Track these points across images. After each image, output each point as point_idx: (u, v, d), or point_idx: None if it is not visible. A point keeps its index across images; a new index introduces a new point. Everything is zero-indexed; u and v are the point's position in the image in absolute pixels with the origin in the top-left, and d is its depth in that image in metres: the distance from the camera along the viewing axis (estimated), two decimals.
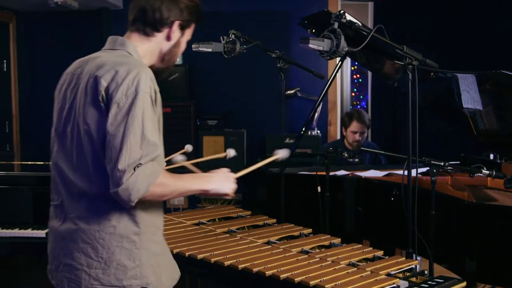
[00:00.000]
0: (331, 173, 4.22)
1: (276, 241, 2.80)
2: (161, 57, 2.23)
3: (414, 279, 2.35)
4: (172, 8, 2.17)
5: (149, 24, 2.17)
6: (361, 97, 8.11)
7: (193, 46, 3.20)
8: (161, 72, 2.27)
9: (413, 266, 2.44)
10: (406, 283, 2.26)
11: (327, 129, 6.31)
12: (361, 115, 5.11)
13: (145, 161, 1.93)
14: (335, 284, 2.20)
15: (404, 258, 2.53)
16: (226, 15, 6.29)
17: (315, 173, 3.81)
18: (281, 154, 2.55)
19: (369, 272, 2.35)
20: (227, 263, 2.46)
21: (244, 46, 3.19)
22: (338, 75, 6.51)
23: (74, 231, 2.05)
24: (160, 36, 2.19)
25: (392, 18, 6.14)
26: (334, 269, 2.38)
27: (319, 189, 3.76)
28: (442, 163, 3.22)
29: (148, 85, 1.99)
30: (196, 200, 6.31)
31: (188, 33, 2.27)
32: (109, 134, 1.94)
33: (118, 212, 2.03)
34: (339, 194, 3.89)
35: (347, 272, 2.34)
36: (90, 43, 6.24)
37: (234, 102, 6.29)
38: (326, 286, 2.18)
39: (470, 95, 4.08)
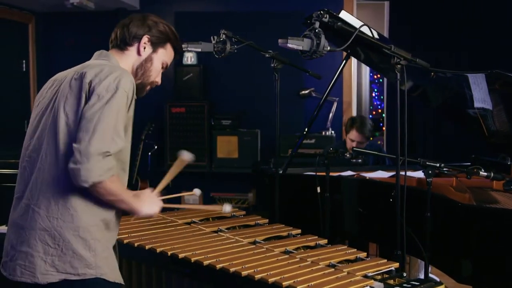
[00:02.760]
0: (337, 174, 4.21)
1: (262, 241, 2.79)
2: (134, 72, 2.37)
3: (391, 281, 2.32)
4: (139, 25, 2.37)
5: (121, 40, 2.37)
6: (382, 97, 8.04)
7: (182, 46, 3.21)
8: (139, 88, 2.38)
9: (393, 268, 2.41)
10: (381, 285, 2.23)
11: (341, 129, 6.27)
12: (362, 125, 4.89)
13: (112, 151, 2.07)
14: (308, 285, 2.19)
15: (385, 260, 2.49)
16: (241, 15, 6.31)
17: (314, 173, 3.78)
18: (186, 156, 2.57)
19: (346, 273, 2.33)
20: (206, 262, 2.46)
21: (235, 46, 3.18)
22: (354, 75, 6.47)
23: (32, 218, 2.14)
24: (132, 50, 2.37)
25: (408, 17, 6.09)
26: (312, 269, 2.37)
27: (318, 189, 3.73)
28: (438, 164, 3.17)
29: (128, 86, 2.15)
30: (210, 200, 6.35)
31: (163, 53, 2.43)
32: (84, 118, 2.07)
33: (79, 202, 2.12)
34: (340, 195, 3.87)
35: (324, 273, 2.33)
36: (107, 43, 6.31)
37: (248, 102, 6.30)
38: (298, 286, 2.17)
39: (480, 95, 4.03)
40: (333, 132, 6.09)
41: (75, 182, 2.04)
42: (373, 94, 8.21)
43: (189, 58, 6.21)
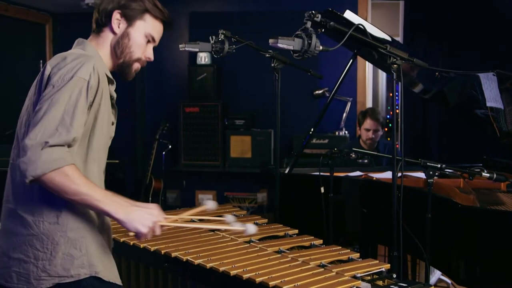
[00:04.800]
0: (344, 174, 4.19)
1: (256, 241, 2.79)
2: (112, 51, 2.23)
3: (380, 282, 2.30)
4: (109, 1, 2.21)
5: (96, 23, 2.23)
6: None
7: (180, 46, 3.23)
8: (124, 69, 2.25)
9: (383, 269, 2.39)
10: (368, 286, 2.22)
11: (355, 129, 6.23)
12: (374, 113, 5.07)
13: (55, 142, 1.88)
14: (294, 285, 2.18)
15: (376, 261, 2.48)
16: (257, 15, 6.32)
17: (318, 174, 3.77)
18: (210, 205, 2.45)
19: (335, 273, 2.32)
20: (197, 261, 2.46)
21: (234, 46, 3.19)
22: (370, 75, 6.43)
23: (21, 224, 2.05)
24: (106, 31, 2.22)
25: (423, 17, 6.03)
26: (301, 269, 2.36)
27: (322, 189, 3.72)
28: (439, 165, 3.14)
29: (89, 72, 1.99)
30: (224, 199, 6.36)
31: (143, 26, 2.23)
32: (35, 110, 1.95)
33: (60, 202, 2.00)
34: (343, 195, 3.85)
35: (312, 273, 2.32)
36: None
37: (261, 102, 6.30)
38: (284, 286, 2.17)
39: (492, 94, 3.99)
40: (346, 132, 6.07)
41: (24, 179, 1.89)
42: (391, 94, 8.14)
43: (203, 58, 6.24)
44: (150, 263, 2.77)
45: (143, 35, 2.24)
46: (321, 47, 2.47)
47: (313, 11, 2.47)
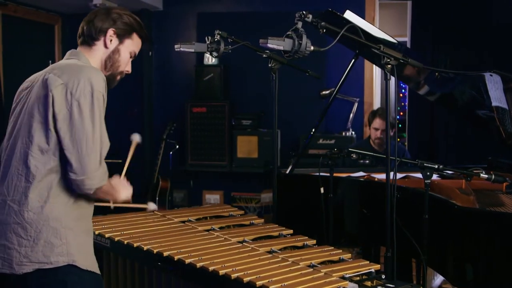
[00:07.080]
0: (346, 175, 4.19)
1: (249, 241, 2.80)
2: (103, 64, 2.47)
3: (369, 283, 2.30)
4: (104, 19, 2.45)
5: (88, 35, 2.45)
6: None
7: (175, 46, 3.24)
8: (110, 79, 2.49)
9: (372, 270, 2.39)
10: (355, 286, 2.22)
11: (362, 130, 6.22)
12: (384, 112, 5.00)
13: (104, 154, 2.25)
14: (281, 285, 2.19)
15: (367, 262, 2.48)
16: (264, 15, 6.32)
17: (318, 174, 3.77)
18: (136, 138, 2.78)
19: (323, 274, 2.32)
20: (188, 261, 2.48)
21: (230, 46, 3.19)
22: (378, 76, 6.40)
23: (8, 213, 2.25)
24: (99, 45, 2.45)
25: (431, 17, 5.99)
26: (290, 269, 2.37)
27: (322, 190, 3.72)
28: (436, 166, 3.12)
29: (102, 85, 2.27)
30: (231, 199, 6.38)
31: (130, 43, 2.50)
32: (75, 127, 2.20)
33: (45, 194, 2.23)
34: (344, 195, 3.85)
35: (301, 273, 2.33)
36: None
37: (268, 102, 6.28)
38: (271, 286, 2.18)
39: (497, 94, 3.97)
40: (353, 132, 6.05)
41: (79, 191, 2.23)
42: (401, 94, 8.10)
43: (210, 58, 6.24)
44: (144, 262, 2.80)
45: (129, 52, 2.52)
46: (312, 48, 2.47)
47: (304, 11, 2.47)
